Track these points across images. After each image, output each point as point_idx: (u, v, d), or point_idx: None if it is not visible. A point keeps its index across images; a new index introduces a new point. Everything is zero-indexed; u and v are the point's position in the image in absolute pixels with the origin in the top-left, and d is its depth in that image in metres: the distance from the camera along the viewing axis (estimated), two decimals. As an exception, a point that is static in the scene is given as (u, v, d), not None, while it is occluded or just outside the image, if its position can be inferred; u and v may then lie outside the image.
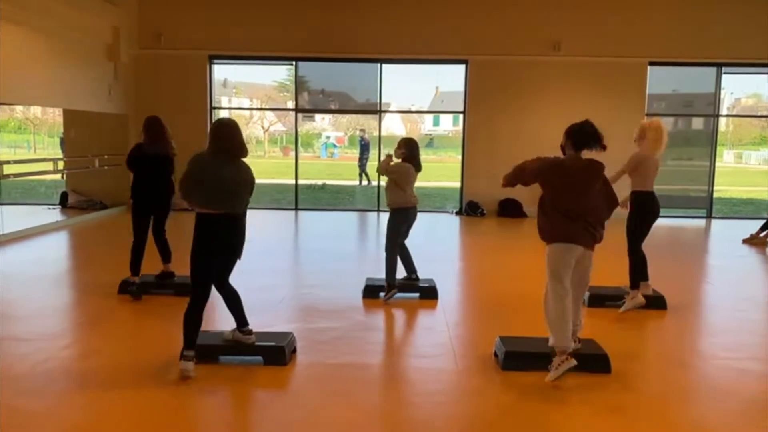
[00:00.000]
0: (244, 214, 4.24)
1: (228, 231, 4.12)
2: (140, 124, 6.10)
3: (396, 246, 5.98)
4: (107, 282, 6.23)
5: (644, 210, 5.72)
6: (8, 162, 9.93)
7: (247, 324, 4.42)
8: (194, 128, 11.74)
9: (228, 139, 4.08)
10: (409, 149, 5.91)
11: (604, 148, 4.11)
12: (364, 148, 19.09)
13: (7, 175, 9.62)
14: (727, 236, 10.75)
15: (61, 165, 11.90)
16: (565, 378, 3.97)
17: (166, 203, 6.07)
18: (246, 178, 4.17)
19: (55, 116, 13.86)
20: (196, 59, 12.20)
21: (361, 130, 21.16)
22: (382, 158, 6.14)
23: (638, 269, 5.78)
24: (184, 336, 4.09)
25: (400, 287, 6.01)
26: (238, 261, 4.29)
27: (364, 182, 18.82)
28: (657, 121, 5.79)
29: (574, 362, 3.97)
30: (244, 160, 4.18)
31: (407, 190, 5.89)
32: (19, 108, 19.88)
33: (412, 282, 6.18)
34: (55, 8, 9.62)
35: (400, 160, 5.92)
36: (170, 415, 3.63)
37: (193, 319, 4.12)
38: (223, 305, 4.46)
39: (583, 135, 4.10)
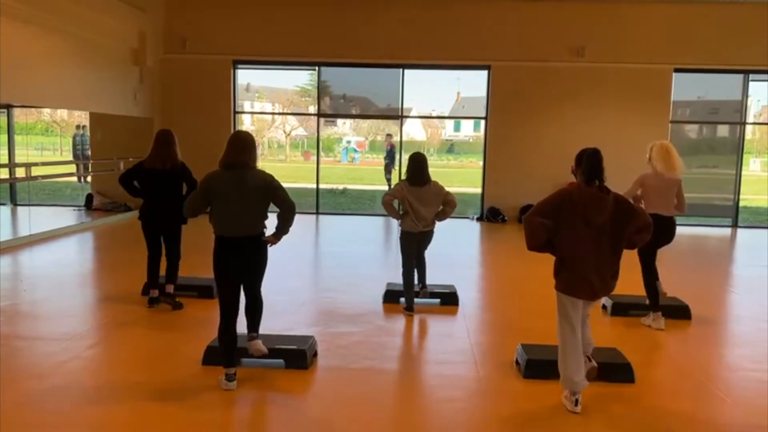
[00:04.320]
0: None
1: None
2: (166, 127, 6.08)
3: (408, 263, 5.77)
4: (131, 283, 6.31)
5: None
6: (36, 164, 10.10)
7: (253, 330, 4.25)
8: (218, 132, 11.85)
9: None
10: (409, 162, 5.69)
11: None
12: (390, 155, 17.51)
13: (35, 177, 9.79)
14: (753, 246, 10.59)
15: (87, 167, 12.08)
16: (587, 387, 3.91)
17: (171, 222, 5.63)
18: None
19: (81, 119, 14.06)
20: (221, 64, 12.32)
21: (388, 135, 18.77)
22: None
23: (648, 292, 5.62)
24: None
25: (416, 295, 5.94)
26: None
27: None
28: (662, 141, 5.71)
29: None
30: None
31: (410, 213, 5.58)
32: (46, 110, 20.22)
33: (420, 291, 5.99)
34: (84, 13, 9.78)
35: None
36: (191, 416, 3.65)
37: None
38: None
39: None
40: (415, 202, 5.57)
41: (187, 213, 4.16)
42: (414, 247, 5.78)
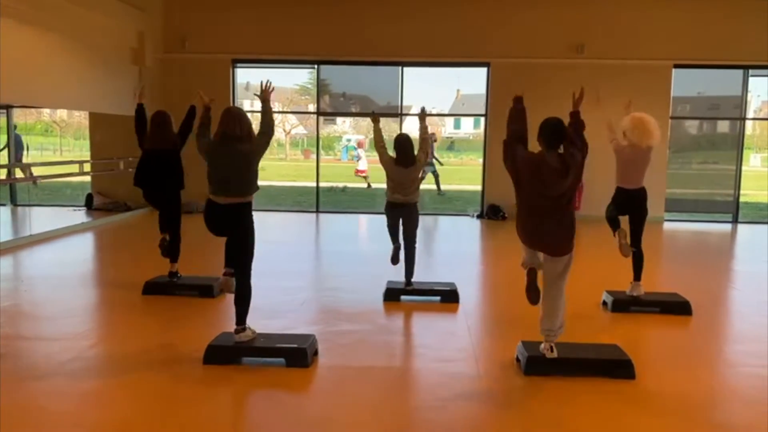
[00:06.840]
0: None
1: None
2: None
3: (392, 234, 6.17)
4: (132, 283, 6.31)
5: (613, 202, 5.86)
6: (35, 164, 10.11)
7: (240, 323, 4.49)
8: (217, 131, 11.84)
9: None
10: (395, 144, 5.98)
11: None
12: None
13: (35, 178, 9.80)
14: (754, 241, 10.58)
15: (87, 167, 12.07)
16: (588, 384, 3.93)
17: (163, 200, 6.14)
18: None
19: (81, 119, 14.05)
20: (220, 63, 12.31)
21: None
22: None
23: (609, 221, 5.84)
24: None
25: (409, 292, 6.12)
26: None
27: None
28: (633, 113, 5.96)
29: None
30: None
31: (390, 185, 6.00)
32: (46, 111, 20.24)
33: (410, 288, 6.13)
34: (83, 14, 9.78)
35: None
36: (192, 415, 3.66)
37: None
38: (251, 305, 4.50)
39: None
40: (396, 179, 5.93)
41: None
42: (396, 220, 6.05)
